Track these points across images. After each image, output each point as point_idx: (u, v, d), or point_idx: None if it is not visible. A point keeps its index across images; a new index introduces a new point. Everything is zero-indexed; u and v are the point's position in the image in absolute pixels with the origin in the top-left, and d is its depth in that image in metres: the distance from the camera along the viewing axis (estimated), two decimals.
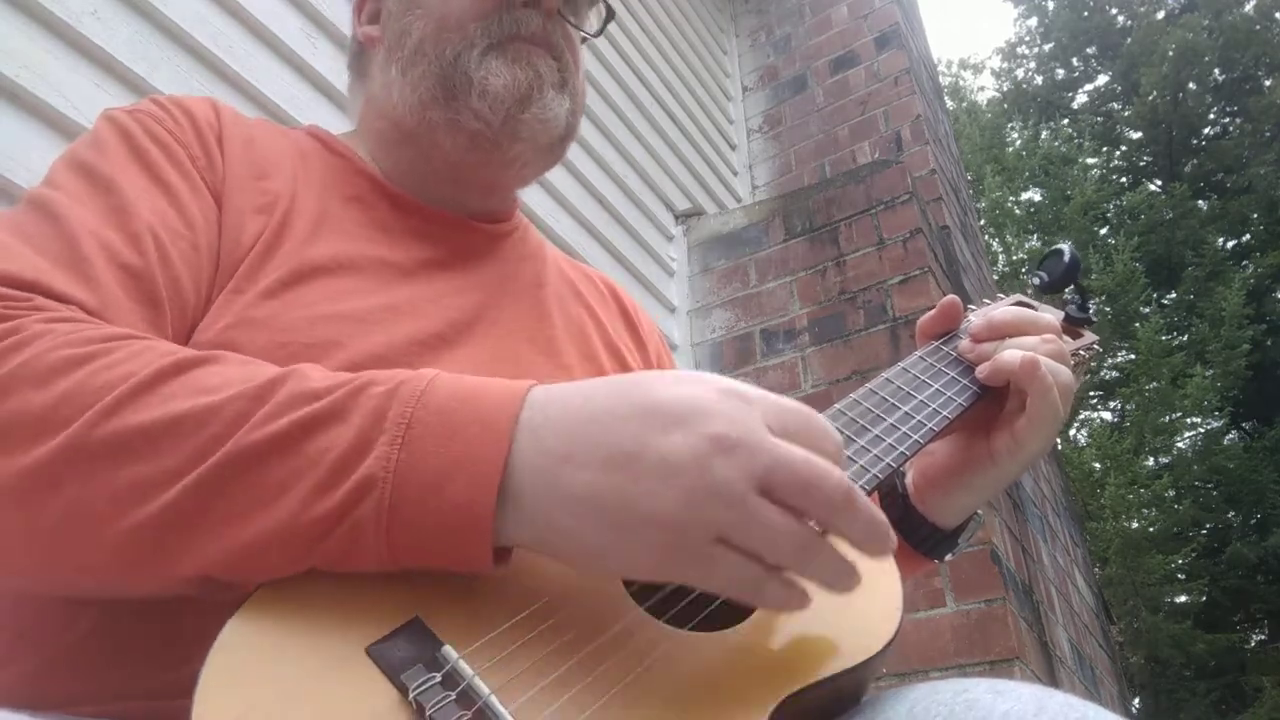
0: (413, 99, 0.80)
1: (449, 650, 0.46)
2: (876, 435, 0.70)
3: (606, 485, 0.47)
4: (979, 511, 0.82)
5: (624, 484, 0.47)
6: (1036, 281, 0.93)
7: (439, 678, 0.44)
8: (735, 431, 0.47)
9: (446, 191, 0.84)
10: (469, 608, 0.49)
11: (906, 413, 0.72)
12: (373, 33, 0.87)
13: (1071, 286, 0.91)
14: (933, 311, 0.82)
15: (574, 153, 2.71)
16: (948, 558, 0.81)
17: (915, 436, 0.70)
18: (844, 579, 0.51)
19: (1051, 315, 0.89)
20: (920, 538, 0.79)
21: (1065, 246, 0.91)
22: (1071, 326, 0.90)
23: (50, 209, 0.62)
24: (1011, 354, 0.73)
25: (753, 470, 0.47)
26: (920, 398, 0.74)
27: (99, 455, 0.48)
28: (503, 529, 0.48)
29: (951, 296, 0.82)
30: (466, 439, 0.48)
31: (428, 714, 0.43)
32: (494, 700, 0.44)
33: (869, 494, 0.66)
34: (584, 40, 0.89)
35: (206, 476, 0.47)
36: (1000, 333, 0.78)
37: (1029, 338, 0.76)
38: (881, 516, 0.50)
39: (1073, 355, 0.88)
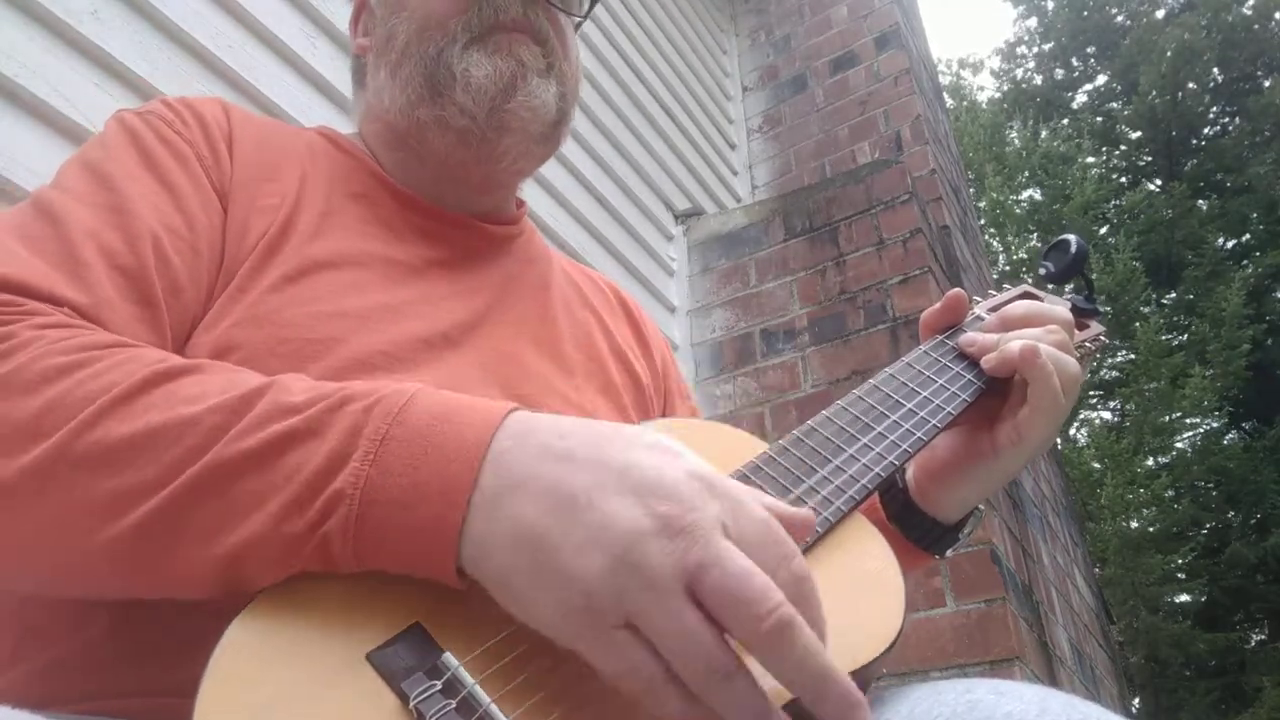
0: (402, 99, 0.81)
1: (449, 658, 0.46)
2: (880, 433, 0.70)
3: (541, 526, 0.45)
4: (980, 506, 0.81)
5: (556, 530, 0.45)
6: (1042, 272, 0.92)
7: (439, 685, 0.44)
8: (685, 518, 0.44)
9: (447, 191, 0.84)
10: (470, 614, 0.49)
11: (911, 409, 0.72)
12: (365, 42, 0.88)
13: (1078, 277, 0.91)
14: (937, 305, 0.82)
15: (574, 153, 2.71)
16: (948, 554, 0.81)
17: (919, 434, 0.70)
18: None
19: (1059, 306, 0.89)
20: (920, 533, 0.79)
21: (1071, 237, 0.91)
22: (1078, 318, 0.89)
23: (52, 210, 0.63)
24: (1013, 344, 0.74)
25: (685, 562, 0.42)
26: (925, 393, 0.74)
27: (80, 466, 0.49)
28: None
29: (957, 290, 0.82)
30: (438, 461, 0.47)
31: None
32: (494, 709, 0.44)
33: (871, 492, 0.65)
34: (578, 26, 0.88)
35: (183, 489, 0.48)
36: (1009, 326, 0.79)
37: (1033, 329, 0.77)
38: (820, 663, 0.43)
39: (1079, 346, 0.87)
